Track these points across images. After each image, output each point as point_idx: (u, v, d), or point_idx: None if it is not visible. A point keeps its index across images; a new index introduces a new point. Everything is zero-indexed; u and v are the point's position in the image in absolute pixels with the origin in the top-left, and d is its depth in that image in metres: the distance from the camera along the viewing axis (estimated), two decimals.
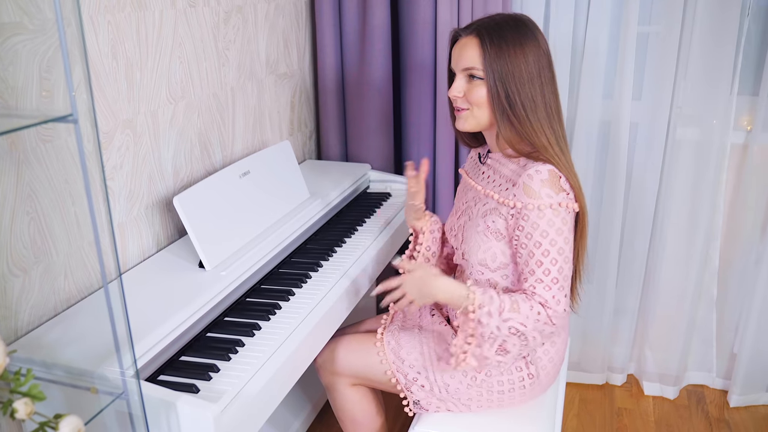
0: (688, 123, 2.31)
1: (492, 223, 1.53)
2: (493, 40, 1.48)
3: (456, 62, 1.55)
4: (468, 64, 1.51)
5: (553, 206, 1.45)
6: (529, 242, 1.46)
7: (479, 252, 1.55)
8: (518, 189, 1.48)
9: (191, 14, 1.78)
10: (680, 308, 2.47)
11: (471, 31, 1.53)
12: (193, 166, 1.85)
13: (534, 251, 1.46)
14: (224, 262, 1.63)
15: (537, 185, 1.45)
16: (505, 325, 1.44)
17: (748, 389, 2.49)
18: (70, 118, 0.93)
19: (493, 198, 1.55)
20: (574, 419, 2.45)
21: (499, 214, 1.53)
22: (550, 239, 1.45)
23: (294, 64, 2.38)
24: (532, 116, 1.49)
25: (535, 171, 1.46)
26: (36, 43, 1.29)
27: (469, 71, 1.52)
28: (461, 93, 1.54)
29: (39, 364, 1.24)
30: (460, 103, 1.56)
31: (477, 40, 1.50)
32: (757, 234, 2.37)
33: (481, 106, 1.53)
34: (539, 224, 1.45)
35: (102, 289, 1.53)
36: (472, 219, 1.60)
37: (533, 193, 1.45)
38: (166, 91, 1.71)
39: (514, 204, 1.48)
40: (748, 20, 2.19)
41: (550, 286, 1.46)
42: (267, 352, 1.41)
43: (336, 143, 2.54)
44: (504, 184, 1.55)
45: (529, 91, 1.48)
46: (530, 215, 1.46)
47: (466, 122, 1.57)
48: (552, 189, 1.46)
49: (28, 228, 1.33)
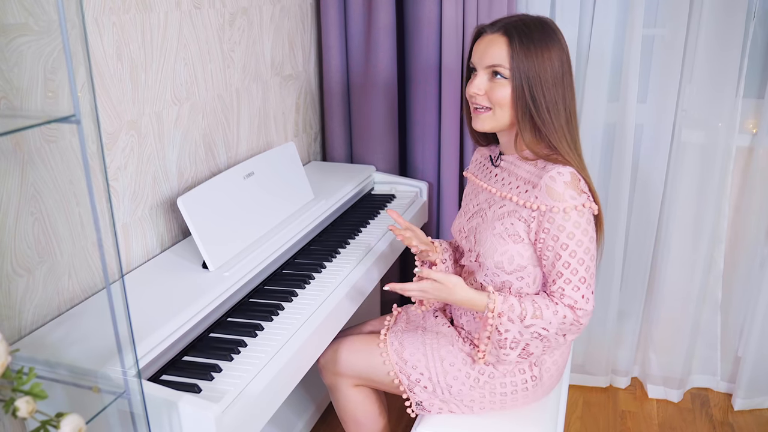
0: (694, 126, 2.30)
1: (510, 226, 1.53)
2: (522, 40, 1.47)
3: (480, 58, 1.52)
4: (494, 61, 1.49)
5: (578, 208, 1.46)
6: (556, 244, 1.47)
7: (495, 254, 1.55)
8: (540, 191, 1.48)
9: (196, 16, 1.79)
10: (685, 311, 2.46)
11: (498, 29, 1.51)
12: (197, 167, 1.86)
13: (561, 253, 1.47)
14: (228, 262, 1.64)
15: (561, 187, 1.46)
16: (528, 331, 1.48)
17: (753, 393, 2.48)
18: (73, 119, 0.93)
19: (512, 200, 1.54)
20: (578, 422, 2.45)
21: (518, 217, 1.52)
22: (577, 240, 1.46)
23: (299, 66, 2.39)
24: (555, 119, 1.49)
25: (557, 173, 1.47)
26: (41, 44, 1.30)
27: (494, 68, 1.49)
28: (482, 90, 1.52)
29: (42, 363, 1.25)
30: (480, 100, 1.53)
31: (505, 38, 1.48)
32: (762, 237, 2.36)
33: (504, 107, 1.51)
34: (565, 226, 1.46)
35: (105, 289, 1.54)
36: (487, 221, 1.59)
37: (557, 196, 1.46)
38: (171, 92, 1.72)
39: (538, 206, 1.48)
40: (753, 23, 2.18)
41: (579, 286, 1.47)
42: (269, 352, 1.41)
43: (341, 145, 2.55)
44: (522, 186, 1.54)
45: (552, 93, 1.48)
46: (555, 218, 1.46)
47: (485, 123, 1.55)
48: (575, 191, 1.47)
49: (33, 228, 1.34)
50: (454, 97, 2.34)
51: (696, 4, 2.15)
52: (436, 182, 2.51)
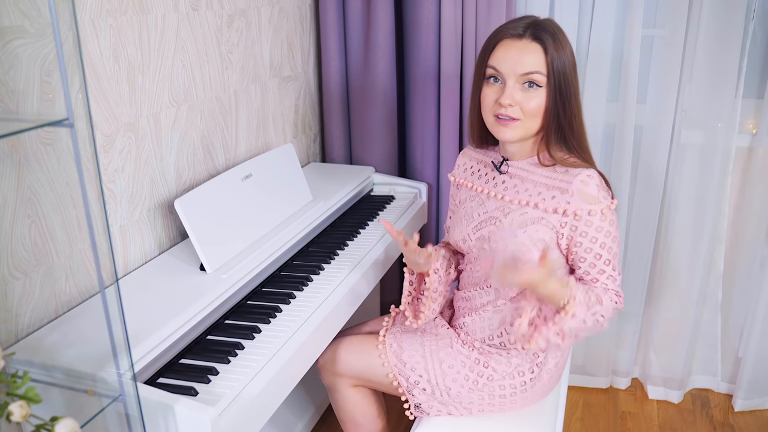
0: (693, 126, 2.30)
1: (535, 233, 1.51)
2: (554, 44, 1.45)
3: (512, 67, 1.46)
4: (531, 68, 1.45)
5: (610, 207, 1.49)
6: (595, 245, 1.49)
7: None
8: (572, 196, 1.48)
9: (194, 18, 1.78)
10: (685, 312, 2.46)
11: (526, 34, 1.47)
12: (195, 169, 1.86)
13: (601, 253, 1.49)
14: (225, 264, 1.64)
15: (594, 190, 1.47)
16: (592, 318, 1.47)
17: (753, 393, 2.47)
18: (66, 122, 0.93)
19: (537, 207, 1.52)
20: (578, 423, 2.44)
21: (545, 224, 1.51)
22: (613, 236, 1.50)
23: (298, 68, 2.39)
24: (577, 117, 1.51)
25: (588, 176, 1.48)
26: (37, 47, 1.30)
27: (530, 77, 1.46)
28: (515, 102, 1.47)
29: (39, 367, 1.25)
30: (512, 112, 1.48)
31: (538, 44, 1.45)
32: (762, 238, 2.35)
33: (536, 117, 1.48)
34: (603, 227, 1.48)
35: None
36: (504, 229, 1.57)
37: (593, 199, 1.47)
38: (169, 94, 1.72)
39: (574, 212, 1.48)
40: (753, 23, 2.18)
41: (615, 277, 1.54)
42: (267, 355, 1.41)
43: (340, 146, 2.55)
44: (545, 192, 1.52)
45: (574, 93, 1.50)
46: (593, 220, 1.47)
47: (516, 132, 1.50)
48: (605, 191, 1.50)
49: (29, 231, 1.34)
50: (453, 98, 2.34)
51: (695, 5, 2.15)
52: (435, 183, 2.50)
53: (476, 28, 2.27)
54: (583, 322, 1.46)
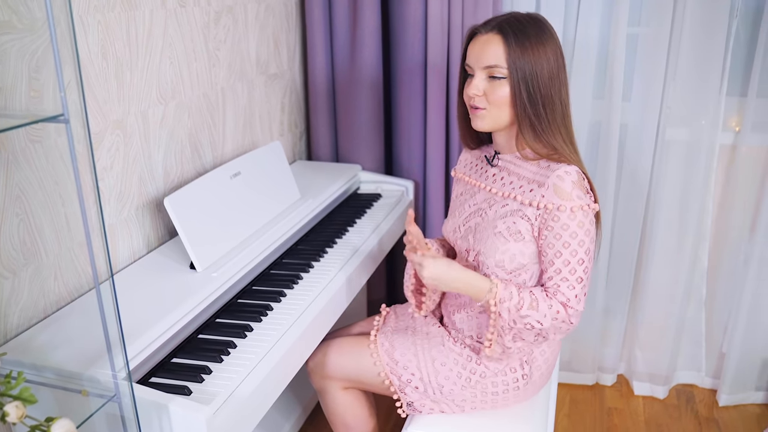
0: (678, 124, 2.32)
1: (513, 225, 1.52)
2: (518, 38, 1.46)
3: (476, 59, 1.51)
4: (491, 62, 1.48)
5: (584, 208, 1.47)
6: (557, 242, 1.47)
7: (497, 253, 1.54)
8: (547, 190, 1.48)
9: (181, 14, 1.77)
10: (670, 308, 2.48)
11: (492, 28, 1.49)
12: (183, 167, 1.84)
13: (562, 251, 1.47)
14: (215, 263, 1.62)
15: (569, 186, 1.46)
16: (522, 321, 1.47)
17: (737, 388, 2.50)
18: (61, 118, 0.92)
19: (516, 200, 1.53)
20: (565, 419, 2.45)
21: (521, 216, 1.51)
22: (579, 240, 1.46)
23: (284, 65, 2.37)
24: (550, 116, 1.50)
25: (565, 172, 1.47)
26: (25, 43, 1.28)
27: (492, 70, 1.49)
28: (480, 91, 1.51)
29: (29, 367, 1.23)
30: (478, 102, 1.52)
31: (500, 36, 1.47)
32: (746, 234, 2.38)
33: (501, 106, 1.50)
34: (570, 225, 1.46)
35: (92, 291, 1.52)
36: (487, 220, 1.58)
37: (565, 195, 1.46)
38: (157, 91, 1.70)
39: (545, 205, 1.48)
40: (736, 22, 2.20)
41: (575, 285, 1.47)
42: (259, 353, 1.40)
43: (326, 144, 2.54)
44: (525, 185, 1.53)
45: (549, 89, 1.48)
46: (561, 216, 1.46)
47: (484, 121, 1.54)
48: (581, 190, 1.48)
49: (18, 229, 1.32)
50: (440, 96, 2.34)
51: (680, 3, 2.16)
52: (422, 181, 2.50)
53: (463, 25, 2.27)
54: (512, 323, 1.47)
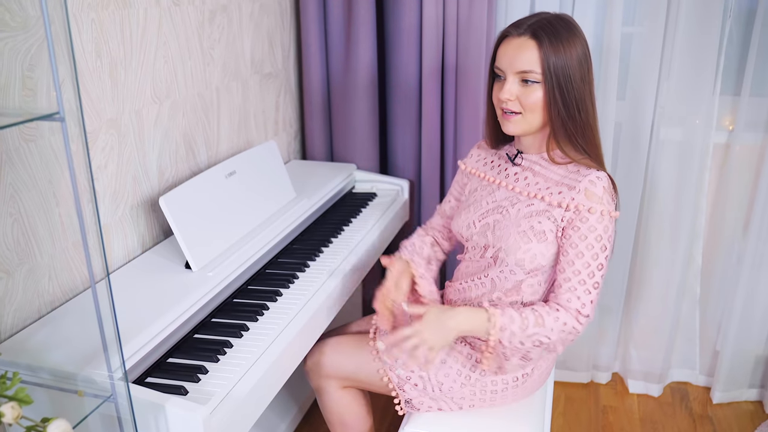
0: (672, 123, 2.32)
1: (538, 224, 1.51)
2: (552, 42, 1.45)
3: (509, 64, 1.49)
4: (525, 67, 1.46)
5: (612, 213, 1.48)
6: (581, 243, 1.47)
7: (519, 252, 1.53)
8: (578, 193, 1.48)
9: (176, 13, 1.76)
10: (664, 307, 2.49)
11: (525, 31, 1.48)
12: (178, 167, 1.83)
13: (584, 252, 1.47)
14: (211, 262, 1.62)
15: (600, 191, 1.47)
16: (530, 340, 1.46)
17: (731, 386, 2.51)
18: (57, 117, 0.91)
19: (543, 200, 1.53)
20: (560, 417, 2.46)
21: (548, 217, 1.51)
22: (602, 245, 1.47)
23: (279, 64, 2.37)
24: (584, 118, 1.50)
25: (597, 177, 1.48)
26: (18, 41, 1.27)
27: (525, 74, 1.47)
28: (513, 96, 1.49)
29: (24, 368, 1.22)
30: (512, 105, 1.51)
31: (535, 42, 1.46)
32: (739, 233, 2.39)
33: (535, 111, 1.49)
34: (597, 228, 1.46)
35: (87, 291, 1.51)
36: (510, 219, 1.56)
37: (596, 198, 1.46)
38: (151, 90, 1.69)
39: (576, 206, 1.47)
40: (730, 21, 2.21)
41: (590, 290, 1.47)
42: (256, 353, 1.40)
43: (321, 143, 2.53)
44: (554, 187, 1.52)
45: (582, 92, 1.48)
46: (590, 218, 1.46)
47: (518, 126, 1.53)
48: (611, 197, 1.49)
49: (12, 229, 1.31)
50: (435, 94, 2.34)
51: (673, 3, 2.17)
52: (417, 180, 2.50)
53: (458, 25, 2.27)
54: (520, 344, 1.47)
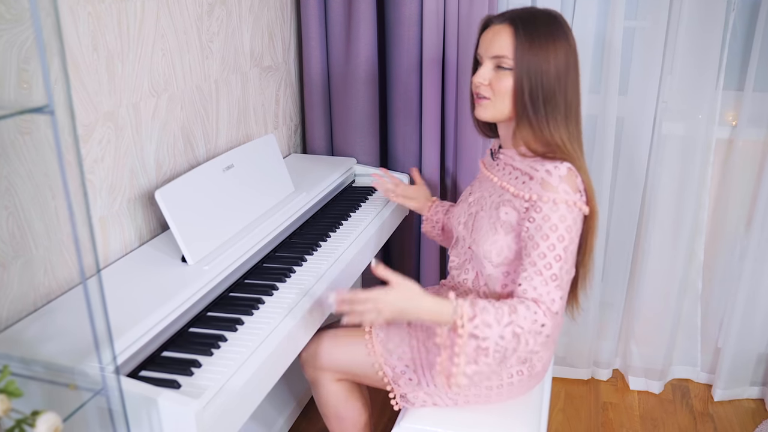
0: (674, 118, 2.31)
1: (504, 215, 1.52)
2: (528, 32, 1.46)
3: (485, 49, 1.52)
4: (498, 52, 1.49)
5: (569, 203, 1.44)
6: (537, 234, 1.44)
7: (486, 243, 1.54)
8: (535, 183, 1.47)
9: (174, 5, 1.75)
10: (666, 303, 2.48)
11: (505, 20, 1.50)
12: (176, 160, 1.83)
13: (540, 243, 1.43)
14: (207, 256, 1.61)
15: (556, 181, 1.45)
16: (508, 330, 1.37)
17: (732, 383, 2.50)
18: (47, 109, 0.91)
19: (509, 190, 1.54)
20: (560, 414, 2.45)
21: (512, 206, 1.51)
22: (559, 235, 1.43)
23: (279, 57, 2.36)
24: (550, 115, 1.48)
25: (554, 167, 1.46)
26: (14, 33, 1.27)
27: (499, 60, 1.49)
28: (486, 80, 1.52)
29: (18, 361, 1.22)
30: (483, 90, 1.53)
31: (511, 29, 1.48)
32: (742, 229, 2.38)
33: (504, 98, 1.51)
34: (551, 217, 1.43)
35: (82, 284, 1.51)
36: (485, 209, 1.59)
37: (551, 188, 1.45)
38: (149, 83, 1.69)
39: (530, 197, 1.47)
40: (733, 16, 2.19)
41: (548, 281, 1.42)
42: (250, 347, 1.39)
43: (321, 137, 2.53)
44: (520, 177, 1.53)
45: (554, 88, 1.47)
46: (544, 207, 1.44)
47: (486, 111, 1.55)
48: (570, 186, 1.45)
49: (7, 222, 1.31)
50: (436, 89, 2.33)
51: None
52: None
53: (458, 19, 2.26)
54: (500, 338, 1.37)
